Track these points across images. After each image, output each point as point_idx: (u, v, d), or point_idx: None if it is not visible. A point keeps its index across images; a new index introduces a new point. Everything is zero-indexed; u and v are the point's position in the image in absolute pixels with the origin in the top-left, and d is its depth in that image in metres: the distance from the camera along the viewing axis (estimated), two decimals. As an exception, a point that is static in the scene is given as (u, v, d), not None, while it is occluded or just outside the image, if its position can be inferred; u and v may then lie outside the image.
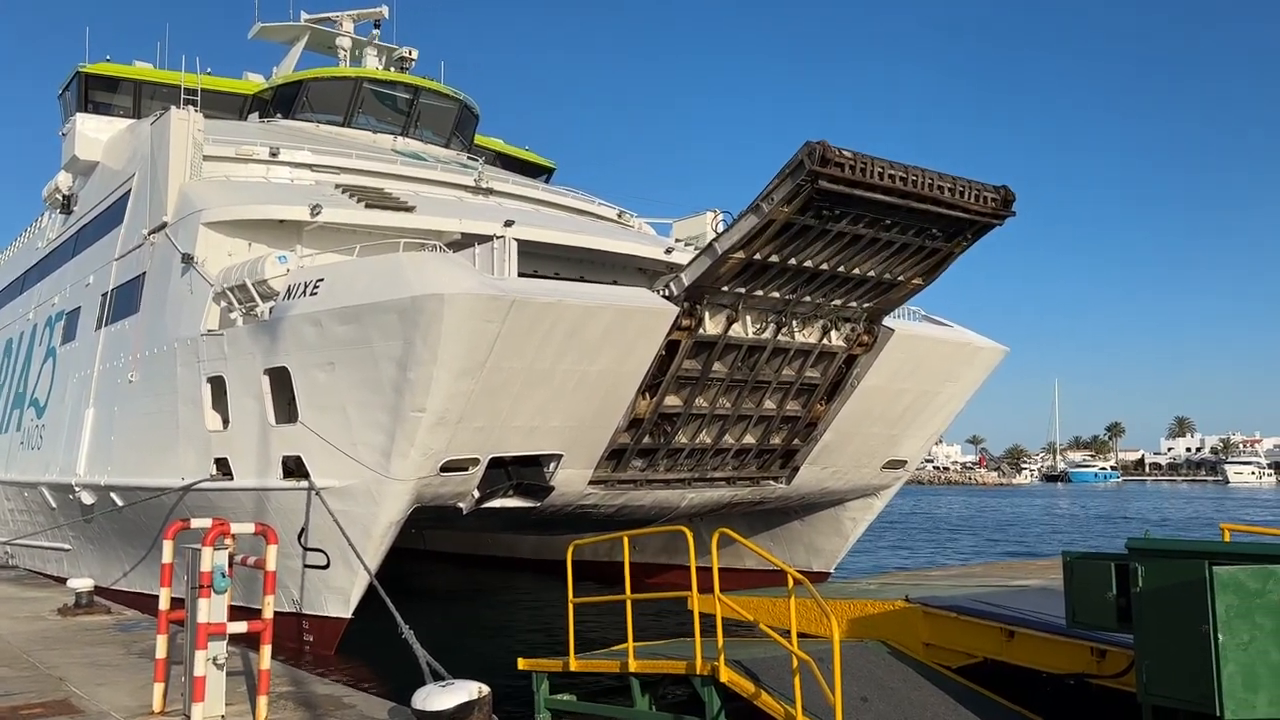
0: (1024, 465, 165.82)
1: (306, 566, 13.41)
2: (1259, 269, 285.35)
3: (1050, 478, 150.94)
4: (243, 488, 13.85)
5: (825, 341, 14.15)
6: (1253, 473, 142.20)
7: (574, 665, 8.94)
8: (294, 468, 13.25)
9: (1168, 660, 5.87)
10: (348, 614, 13.28)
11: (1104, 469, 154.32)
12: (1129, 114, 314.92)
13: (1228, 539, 7.03)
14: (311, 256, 14.76)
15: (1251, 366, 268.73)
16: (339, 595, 13.31)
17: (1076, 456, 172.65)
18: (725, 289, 12.72)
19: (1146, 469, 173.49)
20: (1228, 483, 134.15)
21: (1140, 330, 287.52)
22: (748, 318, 13.35)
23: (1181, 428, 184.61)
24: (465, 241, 15.25)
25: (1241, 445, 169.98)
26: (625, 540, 8.88)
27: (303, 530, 13.14)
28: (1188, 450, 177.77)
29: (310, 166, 17.90)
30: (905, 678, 8.20)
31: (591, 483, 14.05)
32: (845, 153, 10.79)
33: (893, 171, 11.16)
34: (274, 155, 17.73)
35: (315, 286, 12.81)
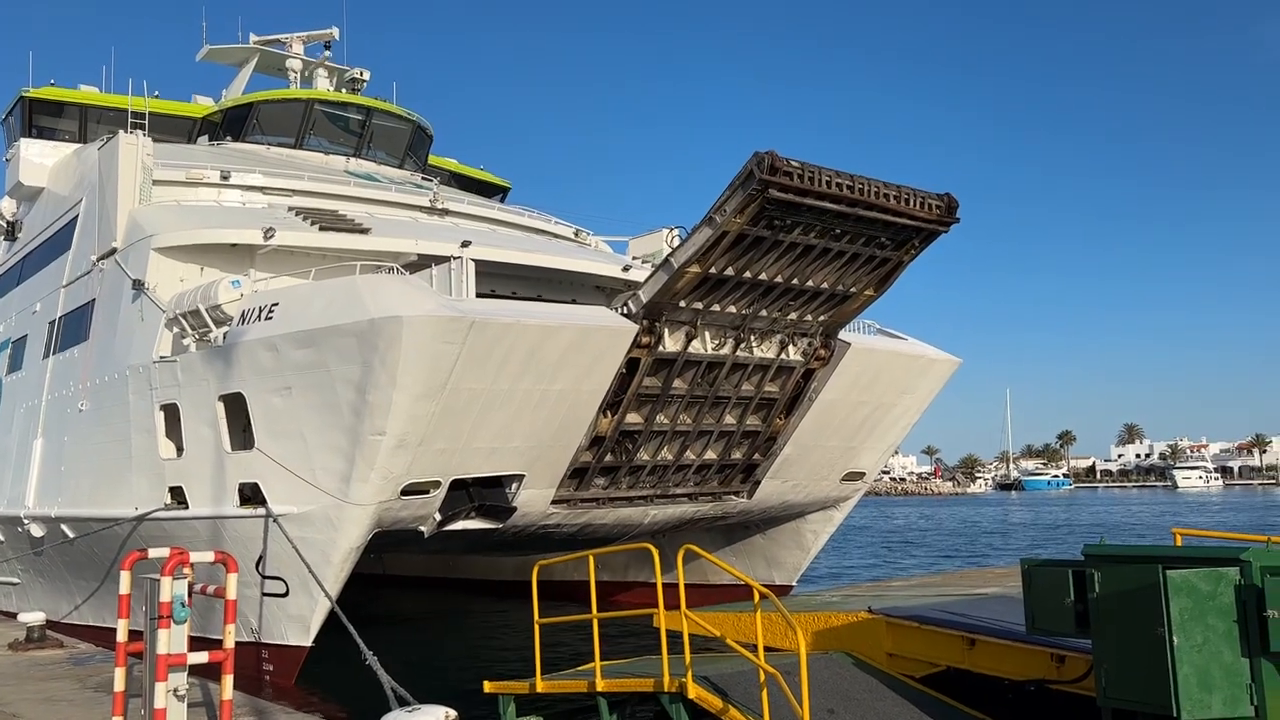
0: (978, 474, 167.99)
1: (265, 595, 13.20)
2: (1204, 279, 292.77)
3: (1004, 486, 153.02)
4: (198, 516, 13.63)
5: (783, 356, 14.28)
6: (1200, 477, 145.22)
7: (541, 687, 8.90)
8: (250, 495, 13.06)
9: (1125, 664, 6.00)
10: (308, 642, 13.09)
11: (1056, 477, 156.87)
12: (1079, 127, 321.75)
13: (1179, 543, 7.20)
14: (265, 280, 14.60)
15: (1198, 374, 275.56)
16: (299, 623, 13.12)
17: (1029, 465, 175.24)
18: (683, 305, 12.81)
19: (1098, 476, 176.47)
20: (1177, 488, 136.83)
21: (1088, 340, 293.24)
22: (706, 334, 13.43)
23: (1131, 435, 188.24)
24: (422, 263, 15.18)
25: (1189, 451, 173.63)
26: (591, 559, 8.88)
27: (260, 558, 12.95)
28: (1137, 457, 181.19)
29: (262, 189, 17.72)
30: (870, 688, 8.27)
31: (554, 502, 14.01)
32: (793, 162, 11.03)
33: (840, 180, 11.41)
34: (225, 178, 17.55)
35: (270, 311, 12.68)
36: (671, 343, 13.12)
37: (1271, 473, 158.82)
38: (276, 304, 12.68)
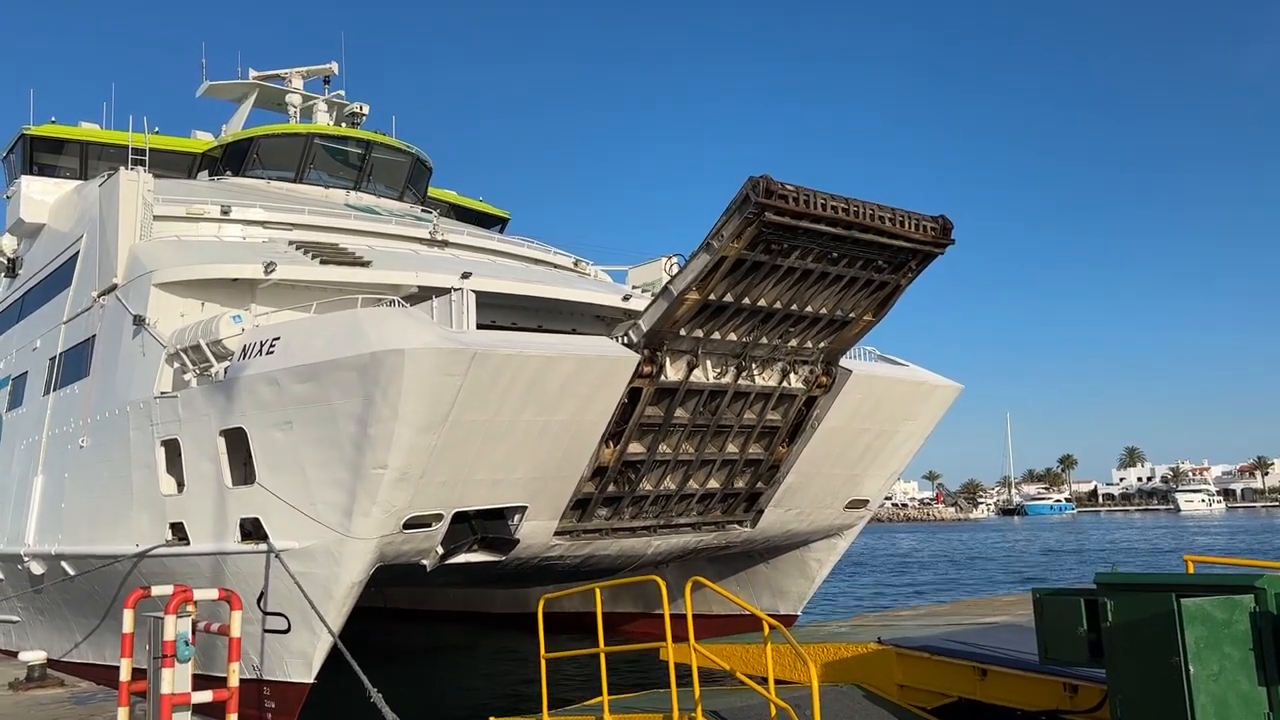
0: (980, 500, 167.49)
1: (267, 631, 13.08)
2: (1201, 302, 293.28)
3: (1006, 511, 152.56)
4: (200, 552, 13.53)
5: (785, 384, 14.26)
6: (1203, 500, 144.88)
7: (547, 722, 8.80)
8: (252, 530, 12.98)
9: (1140, 693, 5.92)
10: (310, 678, 12.95)
11: (1059, 501, 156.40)
12: (1081, 149, 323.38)
13: (1192, 570, 7.15)
14: (267, 315, 14.60)
15: (1199, 396, 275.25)
16: (301, 659, 12.99)
17: (1031, 489, 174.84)
18: (684, 334, 12.80)
19: (1100, 500, 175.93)
20: (1179, 511, 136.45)
21: (1088, 363, 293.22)
22: (708, 362, 13.42)
23: (1132, 458, 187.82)
24: (422, 294, 15.19)
25: (1191, 474, 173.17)
26: (598, 592, 8.81)
27: (262, 594, 12.84)
28: (1139, 480, 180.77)
29: (263, 224, 17.76)
30: (881, 721, 8.18)
31: (557, 533, 13.92)
32: (788, 186, 11.13)
33: (835, 203, 11.50)
34: (225, 213, 17.59)
35: (271, 345, 12.66)
36: (673, 372, 13.10)
37: (1274, 495, 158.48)
38: (278, 338, 12.66)
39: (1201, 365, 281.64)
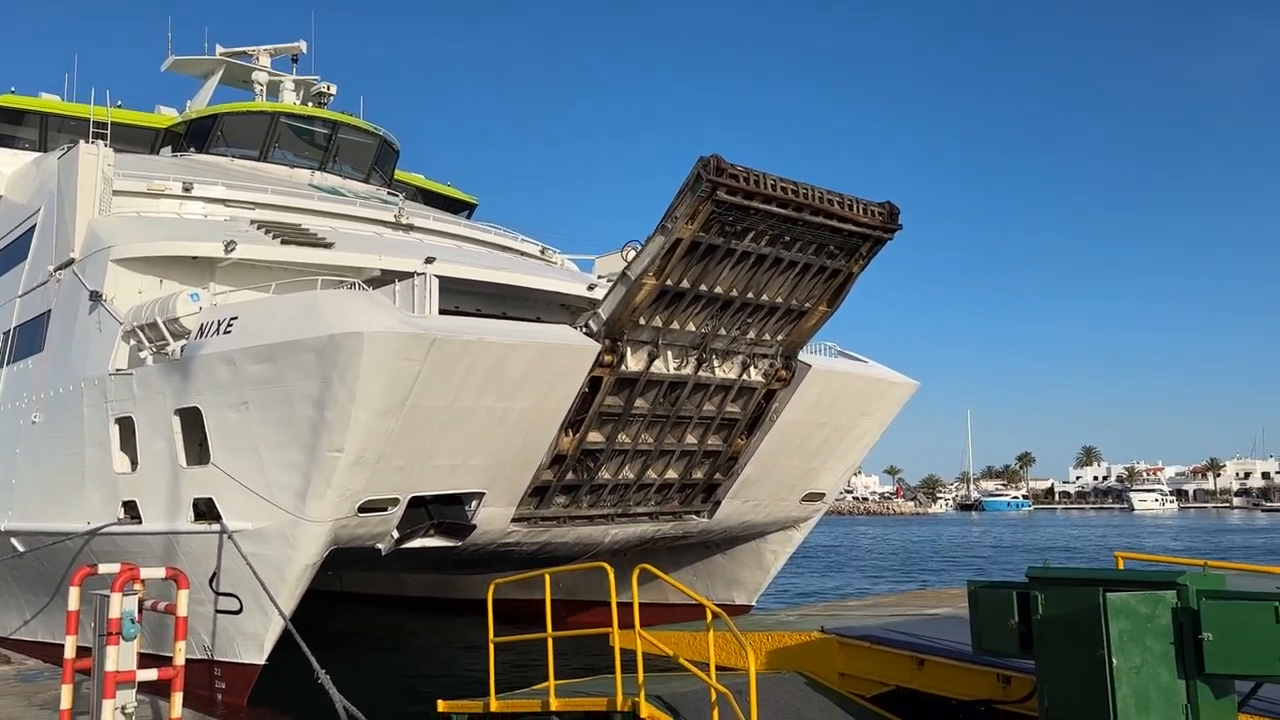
0: (939, 495, 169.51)
1: (218, 612, 13.06)
2: (1158, 303, 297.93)
3: (965, 507, 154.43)
4: (152, 531, 13.47)
5: (745, 377, 14.42)
6: (1156, 500, 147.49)
7: (494, 706, 8.89)
8: (205, 510, 12.94)
9: (1066, 684, 6.12)
10: (262, 660, 12.95)
11: (1016, 498, 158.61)
12: (1039, 145, 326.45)
13: (1121, 566, 7.36)
14: (225, 294, 14.52)
15: (1155, 399, 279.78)
16: (252, 641, 12.98)
17: (989, 486, 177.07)
18: (644, 323, 12.91)
19: (1056, 497, 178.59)
20: (1133, 510, 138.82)
21: (1048, 363, 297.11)
22: (669, 354, 13.54)
23: (1089, 457, 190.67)
24: (385, 278, 15.17)
25: (1145, 474, 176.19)
26: (546, 578, 8.90)
27: (214, 574, 12.82)
28: (1095, 479, 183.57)
29: (224, 202, 17.62)
30: (821, 708, 8.35)
31: (514, 520, 13.99)
32: (738, 166, 11.41)
33: (784, 184, 11.83)
34: (187, 190, 17.43)
35: (229, 325, 12.61)
36: (634, 362, 13.21)
37: (1225, 496, 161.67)
38: (235, 318, 12.60)
39: (1158, 369, 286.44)
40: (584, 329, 12.88)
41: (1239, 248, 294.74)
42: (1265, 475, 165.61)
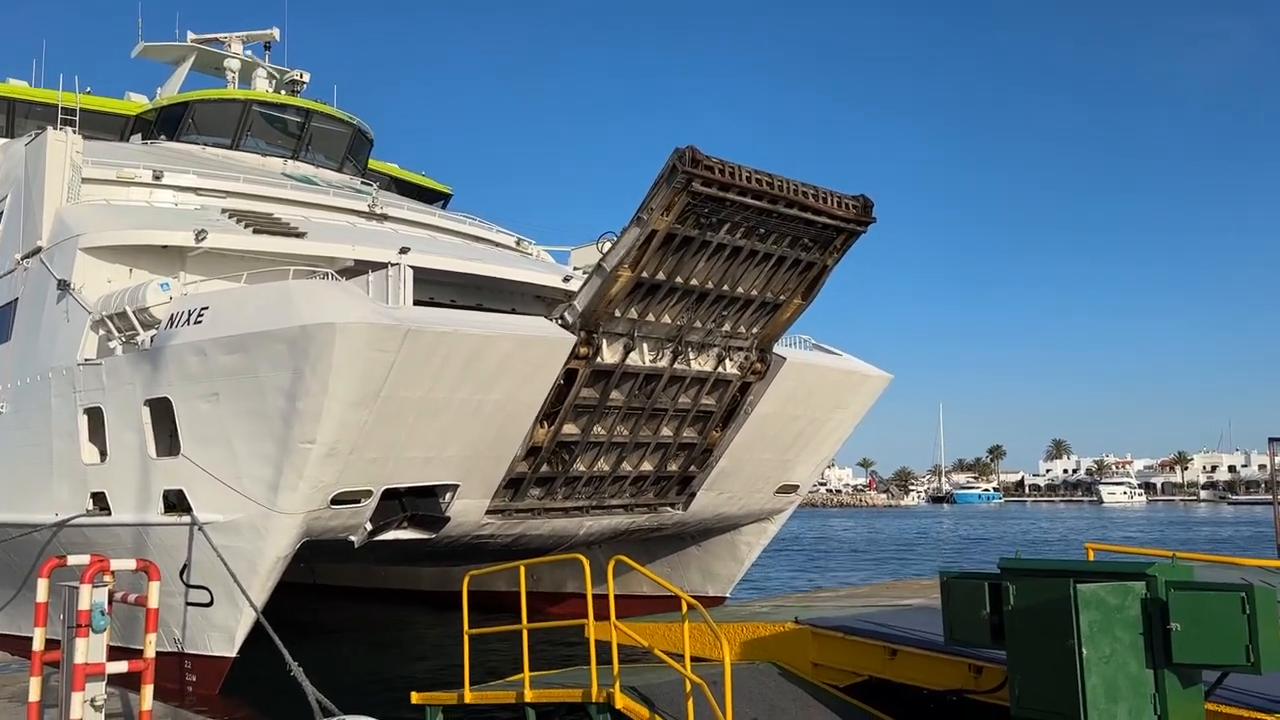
0: (911, 487, 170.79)
1: (189, 604, 12.96)
2: (1130, 297, 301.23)
3: (936, 499, 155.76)
4: (121, 523, 13.33)
5: (720, 369, 14.45)
6: (1125, 493, 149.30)
7: (469, 698, 8.88)
8: (176, 502, 12.83)
9: (1037, 674, 6.18)
10: (233, 653, 12.87)
11: (987, 490, 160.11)
12: (1004, 133, 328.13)
13: (1091, 558, 7.45)
14: (196, 283, 14.37)
15: (1124, 392, 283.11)
16: (223, 633, 12.90)
17: (961, 478, 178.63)
18: (619, 315, 12.91)
19: (1026, 490, 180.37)
20: (1102, 503, 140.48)
21: (1019, 356, 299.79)
22: (644, 346, 13.54)
23: (1059, 450, 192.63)
24: (358, 268, 15.07)
25: (1114, 467, 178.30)
26: (522, 570, 8.90)
27: (185, 566, 12.72)
28: (1065, 471, 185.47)
29: (195, 190, 17.42)
30: (795, 698, 8.40)
31: (489, 512, 13.97)
32: (713, 158, 11.43)
33: (759, 176, 11.87)
34: (157, 178, 17.22)
35: (200, 315, 12.50)
36: (610, 354, 13.20)
37: (1192, 489, 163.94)
38: (206, 308, 12.49)
39: (1128, 363, 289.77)
40: (559, 321, 12.86)
41: (1208, 245, 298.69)
42: (1231, 469, 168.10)
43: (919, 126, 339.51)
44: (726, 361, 14.51)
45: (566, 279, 18.27)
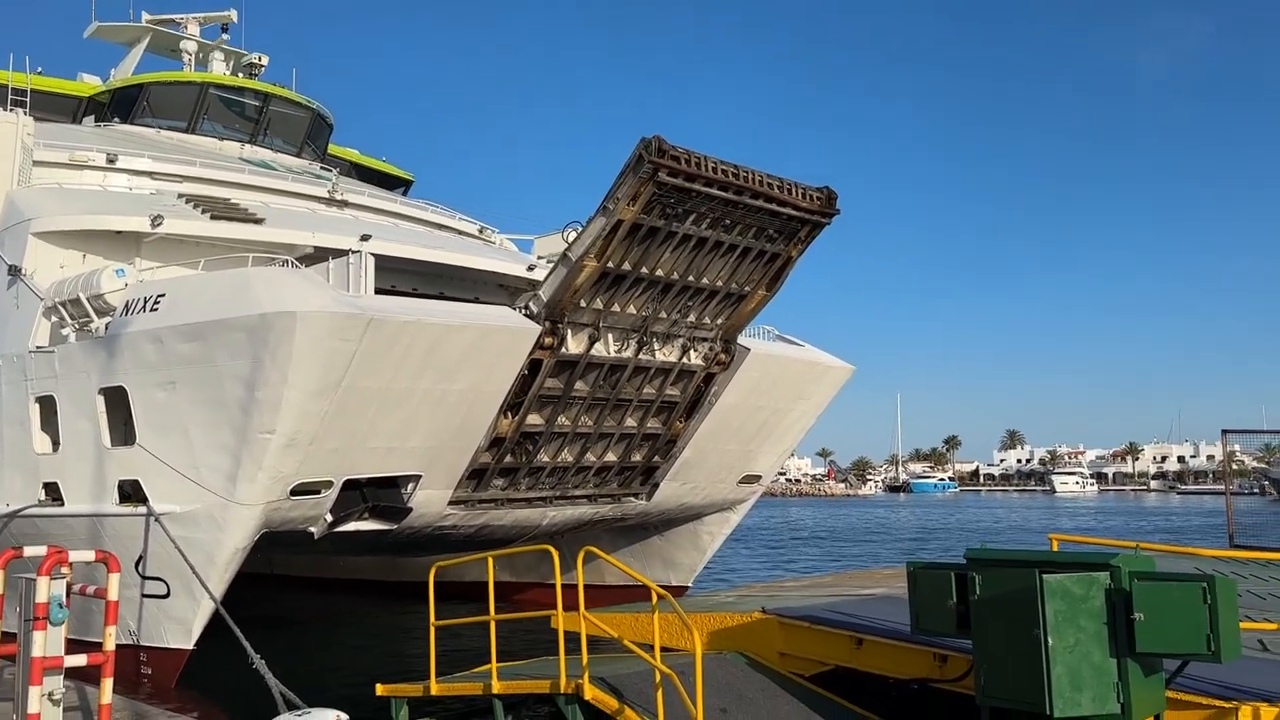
0: (869, 477, 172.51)
1: (145, 596, 12.75)
2: (1080, 292, 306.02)
3: (893, 488, 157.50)
4: (75, 514, 13.08)
5: (685, 360, 14.46)
6: (1077, 483, 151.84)
7: (435, 689, 8.81)
8: (131, 492, 12.61)
9: (1003, 663, 6.25)
10: (189, 645, 12.69)
11: (942, 480, 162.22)
12: (969, 121, 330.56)
13: (1056, 548, 7.55)
14: (152, 270, 14.14)
15: (1076, 383, 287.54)
16: (180, 626, 12.71)
17: (917, 468, 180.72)
18: (584, 305, 12.87)
19: (981, 479, 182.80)
20: (1054, 492, 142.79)
21: (976, 347, 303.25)
22: (609, 336, 13.52)
23: (1013, 440, 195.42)
24: (318, 255, 14.88)
25: (1067, 457, 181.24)
26: (490, 560, 8.84)
27: (141, 558, 12.50)
28: (1018, 462, 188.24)
29: (151, 174, 17.11)
30: (762, 687, 8.44)
31: (451, 503, 13.88)
32: (679, 148, 11.46)
33: (725, 167, 11.93)
34: (111, 162, 16.89)
35: (156, 302, 12.27)
36: (574, 345, 13.16)
37: (1143, 479, 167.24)
38: (163, 295, 12.28)
39: (1080, 355, 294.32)
40: (524, 311, 12.79)
41: (1160, 237, 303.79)
42: (1181, 459, 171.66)
43: (883, 111, 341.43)
44: (691, 352, 14.54)
45: (530, 268, 18.18)
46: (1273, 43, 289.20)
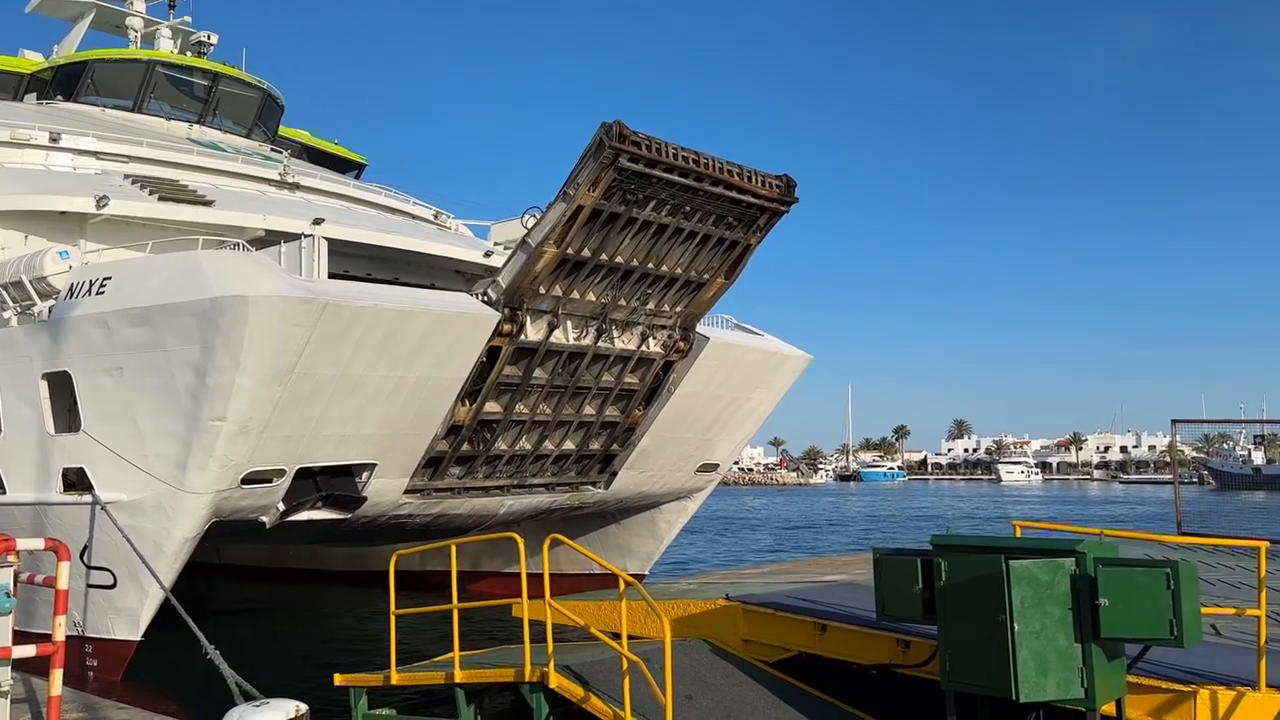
0: (820, 466, 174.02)
1: (90, 586, 12.41)
2: (1026, 284, 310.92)
3: (844, 477, 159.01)
4: (18, 502, 12.69)
5: (644, 348, 14.40)
6: (1022, 472, 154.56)
7: (396, 679, 8.67)
8: (76, 480, 12.25)
9: (968, 648, 6.28)
10: (137, 636, 12.39)
11: (891, 469, 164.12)
12: (919, 103, 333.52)
13: (1019, 535, 7.60)
14: (98, 252, 13.72)
15: (1022, 373, 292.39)
16: (127, 617, 12.39)
17: (867, 457, 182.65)
18: (544, 292, 12.75)
19: (929, 469, 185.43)
20: (1000, 481, 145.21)
21: (924, 338, 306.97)
22: (568, 323, 13.41)
23: (960, 430, 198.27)
24: (270, 239, 14.55)
25: (1013, 446, 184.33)
26: (453, 549, 8.71)
27: (85, 547, 12.17)
28: (966, 451, 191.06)
29: (96, 154, 16.65)
30: (726, 674, 8.42)
31: (407, 492, 13.68)
32: (641, 134, 11.38)
33: (685, 154, 11.90)
34: (54, 141, 16.41)
35: (102, 285, 11.93)
36: (533, 332, 13.02)
37: (1086, 469, 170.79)
38: (109, 278, 11.93)
39: (1025, 347, 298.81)
40: (483, 297, 12.63)
41: (1102, 233, 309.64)
42: (1123, 449, 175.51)
43: (830, 98, 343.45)
44: (650, 340, 14.47)
45: (487, 254, 17.99)
46: (1206, 24, 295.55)
